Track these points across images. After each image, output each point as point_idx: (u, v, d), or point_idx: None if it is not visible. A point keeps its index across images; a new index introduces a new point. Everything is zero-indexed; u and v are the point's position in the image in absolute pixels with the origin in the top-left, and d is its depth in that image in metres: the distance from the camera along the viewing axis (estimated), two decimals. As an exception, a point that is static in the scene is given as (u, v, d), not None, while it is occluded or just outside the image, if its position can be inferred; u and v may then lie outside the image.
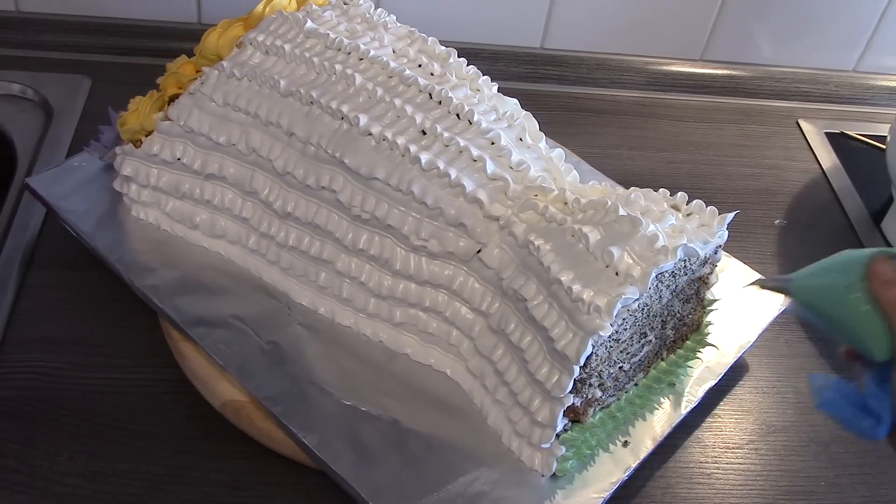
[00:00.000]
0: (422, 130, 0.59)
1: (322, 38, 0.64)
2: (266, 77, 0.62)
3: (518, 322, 0.55)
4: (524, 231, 0.55)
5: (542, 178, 0.58)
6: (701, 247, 0.53)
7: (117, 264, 0.63)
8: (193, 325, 0.59)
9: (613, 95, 0.96)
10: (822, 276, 0.48)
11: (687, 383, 0.61)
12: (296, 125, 0.60)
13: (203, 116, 0.63)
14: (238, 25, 0.67)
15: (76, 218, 0.66)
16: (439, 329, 0.60)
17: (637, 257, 0.51)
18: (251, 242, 0.64)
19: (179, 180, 0.65)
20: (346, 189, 0.59)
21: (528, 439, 0.54)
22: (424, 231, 0.57)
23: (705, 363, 0.62)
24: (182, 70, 0.66)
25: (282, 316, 0.61)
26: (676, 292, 0.56)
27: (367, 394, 0.57)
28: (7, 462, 0.54)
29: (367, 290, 0.60)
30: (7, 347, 0.61)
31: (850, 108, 1.00)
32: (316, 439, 0.54)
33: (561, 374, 0.51)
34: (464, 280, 0.58)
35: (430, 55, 0.65)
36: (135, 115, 0.66)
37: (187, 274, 0.63)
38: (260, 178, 0.63)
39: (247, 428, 0.57)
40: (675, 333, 0.60)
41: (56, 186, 0.68)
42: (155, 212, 0.67)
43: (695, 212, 0.57)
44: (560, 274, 0.52)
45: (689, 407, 0.59)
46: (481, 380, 0.58)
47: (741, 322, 0.65)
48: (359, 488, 0.52)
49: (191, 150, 0.64)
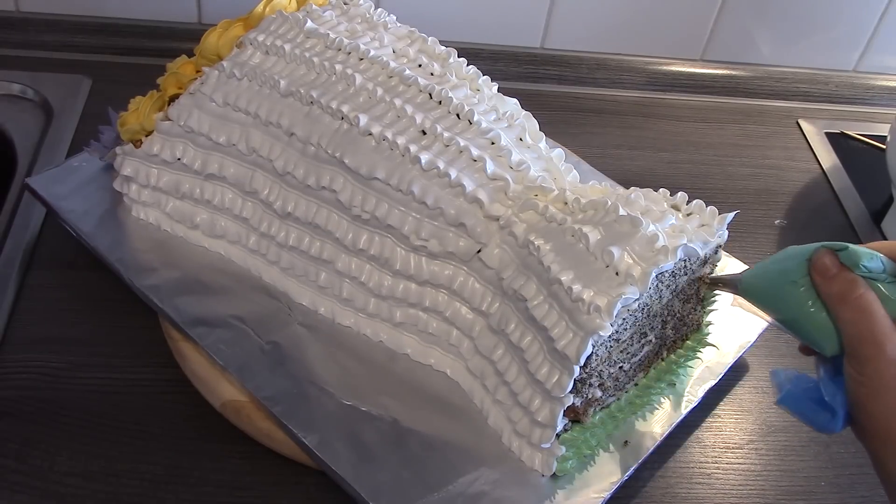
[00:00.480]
0: (422, 130, 0.59)
1: (322, 38, 0.64)
2: (266, 77, 0.62)
3: (518, 322, 0.55)
4: (524, 231, 0.55)
5: (542, 178, 0.58)
6: (701, 247, 0.53)
7: (117, 264, 0.63)
8: (194, 325, 0.59)
9: (613, 95, 0.96)
10: (769, 273, 0.48)
11: (687, 383, 0.61)
12: (296, 125, 0.60)
13: (203, 116, 0.63)
14: (238, 25, 0.67)
15: (76, 218, 0.66)
16: (439, 329, 0.60)
17: (637, 257, 0.51)
18: (251, 242, 0.64)
19: (179, 180, 0.65)
20: (347, 189, 0.59)
21: (528, 439, 0.54)
22: (424, 231, 0.57)
23: (705, 363, 0.62)
24: (182, 70, 0.66)
25: (282, 316, 0.61)
26: (677, 292, 0.56)
27: (367, 394, 0.57)
28: (7, 462, 0.54)
29: (367, 290, 0.60)
30: (7, 347, 0.61)
31: (850, 108, 1.00)
32: (316, 439, 0.54)
33: (561, 374, 0.51)
34: (464, 280, 0.58)
35: (430, 55, 0.65)
36: (135, 115, 0.66)
37: (187, 274, 0.63)
38: (260, 178, 0.63)
39: (247, 428, 0.57)
40: (675, 333, 0.60)
41: (56, 186, 0.68)
42: (155, 212, 0.67)
43: (695, 212, 0.57)
44: (560, 274, 0.52)
45: (690, 407, 0.59)
46: (481, 380, 0.58)
47: (741, 322, 0.65)
48: (359, 488, 0.52)
49: (191, 150, 0.64)
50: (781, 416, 0.64)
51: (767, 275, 0.48)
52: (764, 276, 0.48)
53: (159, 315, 0.61)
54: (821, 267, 0.44)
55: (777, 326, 0.48)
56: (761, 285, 0.49)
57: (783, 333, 0.70)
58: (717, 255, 0.58)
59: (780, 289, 0.46)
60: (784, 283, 0.46)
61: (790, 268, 0.46)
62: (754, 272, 0.50)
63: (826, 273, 0.44)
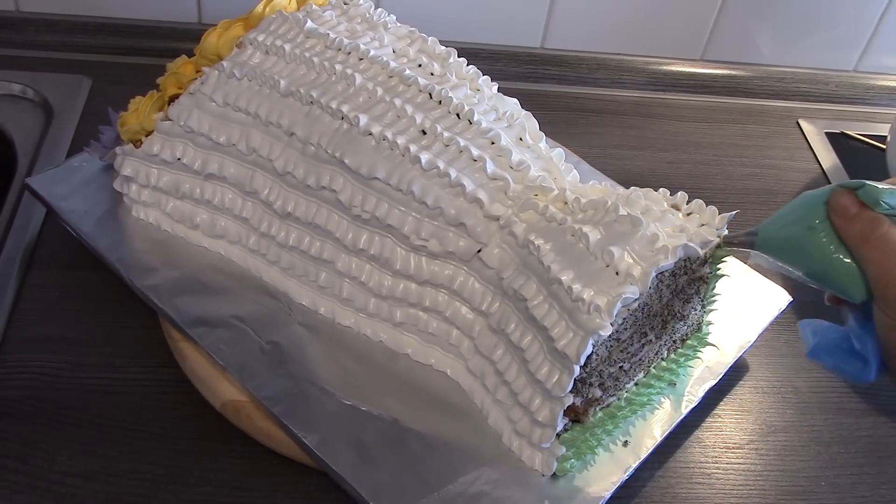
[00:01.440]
0: (422, 130, 0.59)
1: (322, 38, 0.64)
2: (266, 77, 0.62)
3: (518, 322, 0.55)
4: (524, 231, 0.55)
5: (542, 178, 0.58)
6: (701, 246, 0.53)
7: (118, 264, 0.63)
8: (194, 325, 0.59)
9: (613, 95, 0.96)
10: (785, 223, 0.46)
11: (687, 383, 0.61)
12: (296, 125, 0.60)
13: (203, 116, 0.63)
14: (238, 25, 0.67)
15: (76, 218, 0.66)
16: (439, 329, 0.60)
17: (637, 257, 0.51)
18: (251, 242, 0.64)
19: (179, 180, 0.65)
20: (347, 189, 0.59)
21: (528, 439, 0.54)
22: (425, 231, 0.57)
23: (705, 363, 0.62)
24: (182, 70, 0.66)
25: (282, 316, 0.61)
26: (677, 292, 0.56)
27: (367, 394, 0.57)
28: (7, 462, 0.54)
29: (367, 289, 0.60)
30: (7, 347, 0.61)
31: (850, 108, 1.00)
32: (316, 439, 0.54)
33: (561, 373, 0.51)
34: (464, 280, 0.58)
35: (430, 55, 0.65)
36: (135, 115, 0.66)
37: (187, 274, 0.63)
38: (260, 178, 0.63)
39: (247, 428, 0.57)
40: (676, 333, 0.60)
41: (56, 186, 0.67)
42: (155, 212, 0.67)
43: (695, 211, 0.57)
44: (560, 273, 0.52)
45: (690, 407, 0.59)
46: (482, 379, 0.58)
47: (741, 322, 0.65)
48: (359, 488, 0.52)
49: (191, 150, 0.64)
50: (781, 416, 0.64)
51: (784, 225, 0.46)
52: (780, 227, 0.46)
53: (159, 315, 0.61)
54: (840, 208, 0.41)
55: (800, 279, 0.46)
56: (778, 237, 0.46)
57: (783, 333, 0.70)
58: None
59: (798, 238, 0.44)
60: (802, 231, 0.44)
61: (807, 214, 0.44)
62: (768, 224, 0.47)
63: (846, 213, 0.41)
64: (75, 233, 0.65)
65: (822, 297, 0.48)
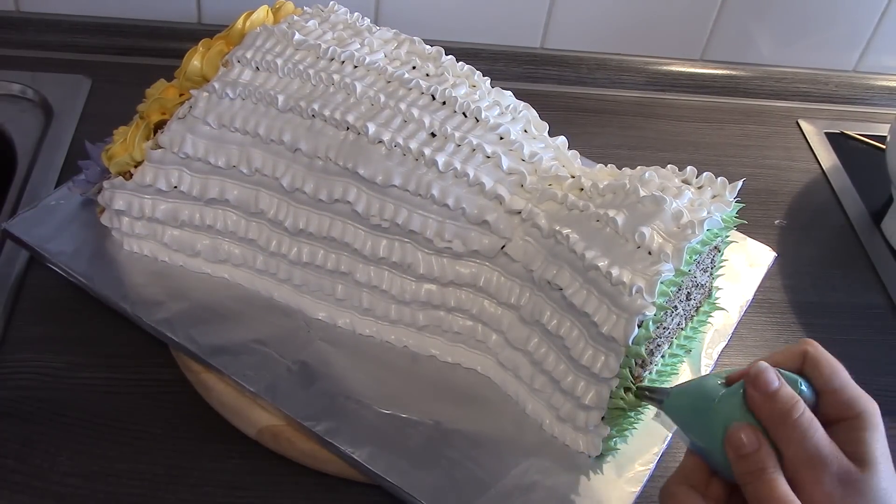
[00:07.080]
0: (431, 133, 0.58)
1: (313, 49, 0.62)
2: (262, 94, 0.60)
3: (553, 311, 0.55)
4: (547, 221, 0.56)
5: (555, 167, 0.59)
6: (720, 217, 0.55)
7: (123, 302, 0.60)
8: (215, 355, 0.57)
9: (613, 95, 0.96)
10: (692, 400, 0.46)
11: (701, 348, 0.63)
12: (299, 140, 0.59)
13: (198, 141, 0.61)
14: (220, 43, 0.64)
15: (66, 259, 0.63)
16: (465, 327, 0.60)
17: (667, 234, 0.52)
18: (259, 263, 0.63)
19: (177, 208, 0.63)
20: (362, 199, 0.58)
21: (572, 423, 0.55)
22: (448, 232, 0.57)
23: (714, 327, 0.65)
24: (165, 95, 0.64)
25: (301, 334, 0.61)
26: (700, 264, 0.56)
27: (403, 400, 0.57)
28: (7, 462, 0.54)
29: (388, 297, 0.60)
30: (7, 347, 0.61)
31: (850, 108, 1.00)
32: (366, 453, 0.53)
33: (607, 356, 0.52)
34: (489, 276, 0.58)
35: (420, 56, 0.64)
36: (122, 147, 0.63)
37: (196, 303, 0.61)
38: (265, 198, 0.61)
39: (287, 451, 0.55)
40: (696, 302, 0.61)
41: (37, 228, 0.64)
42: (150, 243, 0.64)
43: (706, 184, 0.58)
44: (596, 260, 0.52)
45: (709, 370, 0.62)
46: (514, 371, 0.58)
47: (736, 283, 0.68)
48: (419, 497, 0.52)
49: (187, 177, 0.62)
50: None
51: (690, 402, 0.46)
52: (687, 403, 0.47)
53: (172, 349, 0.59)
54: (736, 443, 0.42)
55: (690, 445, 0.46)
56: (684, 410, 0.47)
57: (783, 334, 0.70)
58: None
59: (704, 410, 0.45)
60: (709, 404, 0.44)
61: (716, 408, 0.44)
62: (678, 393, 0.48)
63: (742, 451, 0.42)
64: (67, 275, 0.63)
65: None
